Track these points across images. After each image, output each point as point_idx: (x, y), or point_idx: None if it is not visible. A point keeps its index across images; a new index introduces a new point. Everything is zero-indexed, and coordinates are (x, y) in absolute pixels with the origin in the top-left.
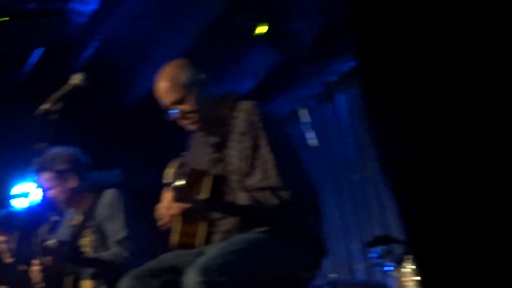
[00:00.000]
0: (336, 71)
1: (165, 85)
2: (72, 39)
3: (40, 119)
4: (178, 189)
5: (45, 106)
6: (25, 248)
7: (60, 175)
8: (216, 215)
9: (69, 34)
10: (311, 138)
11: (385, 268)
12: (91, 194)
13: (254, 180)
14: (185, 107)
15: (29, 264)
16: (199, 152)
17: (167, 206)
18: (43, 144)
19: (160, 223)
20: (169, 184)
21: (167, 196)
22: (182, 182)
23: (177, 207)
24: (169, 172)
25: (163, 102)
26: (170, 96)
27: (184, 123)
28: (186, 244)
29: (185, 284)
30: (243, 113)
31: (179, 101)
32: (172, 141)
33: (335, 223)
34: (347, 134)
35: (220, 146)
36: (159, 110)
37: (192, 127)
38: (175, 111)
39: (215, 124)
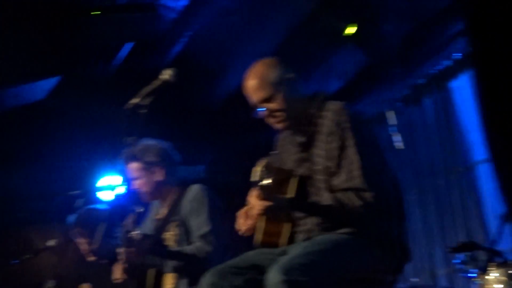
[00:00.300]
0: (424, 74)
1: (253, 82)
2: (162, 34)
3: (129, 113)
4: (263, 187)
5: (135, 100)
6: (109, 242)
7: (148, 166)
8: (299, 214)
9: (159, 29)
10: (397, 141)
11: (468, 275)
12: (177, 188)
13: (339, 180)
14: (273, 105)
15: (111, 258)
16: (286, 152)
17: (252, 205)
18: (132, 138)
19: (240, 227)
20: (255, 183)
21: (253, 195)
22: (268, 181)
23: (262, 206)
24: (256, 170)
25: (251, 100)
26: (258, 94)
27: (272, 121)
28: (269, 243)
29: (267, 283)
30: (331, 113)
31: (267, 99)
32: (258, 139)
33: (418, 227)
34: (433, 138)
35: (307, 146)
36: (246, 108)
37: (279, 125)
38: (262, 109)
39: (303, 123)
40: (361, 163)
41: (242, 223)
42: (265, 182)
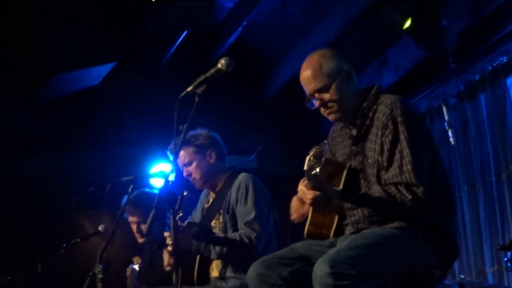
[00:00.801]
0: (480, 70)
1: (308, 72)
2: (218, 23)
3: (183, 101)
4: (311, 177)
5: (189, 89)
6: (158, 227)
7: (200, 150)
8: (347, 206)
9: (215, 18)
10: (449, 137)
11: None
12: (226, 176)
13: (390, 174)
14: (327, 96)
15: (160, 244)
16: (338, 144)
17: (301, 193)
18: (185, 126)
19: (292, 215)
20: (306, 172)
21: (302, 184)
22: (316, 170)
23: (310, 195)
24: (307, 160)
25: (306, 90)
26: (312, 84)
27: (324, 112)
28: (317, 234)
29: (314, 274)
30: (386, 107)
31: (321, 89)
32: (309, 131)
33: (467, 224)
34: (486, 135)
35: (359, 139)
36: (298, 99)
37: (332, 116)
38: (316, 99)
39: (356, 116)
40: (413, 157)
41: (295, 210)
42: (313, 171)
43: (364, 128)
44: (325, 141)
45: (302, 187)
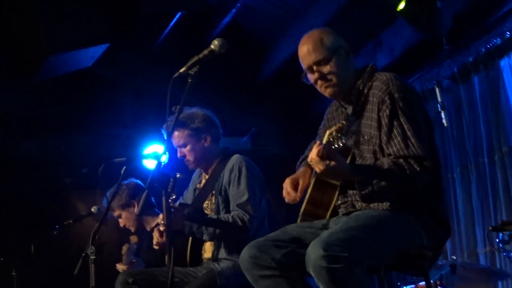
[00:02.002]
0: (474, 52)
1: (309, 45)
2: (213, 4)
3: (176, 82)
4: (331, 149)
5: (182, 70)
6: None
7: (196, 133)
8: (345, 185)
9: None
10: (442, 118)
11: (508, 254)
12: (219, 158)
13: (395, 148)
14: (326, 68)
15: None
16: (335, 124)
17: (313, 162)
18: (178, 107)
19: (285, 196)
20: (324, 146)
21: (315, 152)
22: (340, 144)
23: (323, 165)
24: (327, 134)
25: (304, 63)
26: (312, 56)
27: (322, 85)
28: (313, 213)
29: (308, 257)
30: (382, 83)
31: (321, 62)
32: (303, 113)
33: (460, 206)
34: (479, 117)
35: (355, 116)
36: (293, 81)
37: (329, 90)
38: (314, 72)
39: (352, 94)
40: (415, 131)
41: (290, 192)
42: (335, 145)
43: (359, 105)
44: (352, 117)
45: (315, 156)
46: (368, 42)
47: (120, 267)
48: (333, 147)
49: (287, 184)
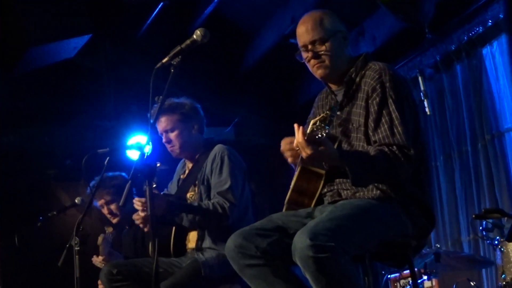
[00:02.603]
0: (456, 40)
1: (309, 24)
2: None
3: (159, 72)
4: (316, 131)
5: (165, 60)
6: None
7: (185, 119)
8: (331, 174)
9: None
10: (425, 107)
11: (492, 242)
12: (202, 148)
13: (380, 135)
14: (322, 47)
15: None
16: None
17: (300, 146)
18: (161, 97)
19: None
20: (308, 135)
21: (300, 135)
22: (324, 134)
23: (310, 150)
24: (311, 123)
25: (301, 41)
26: (310, 34)
27: (315, 64)
28: (299, 202)
29: (294, 247)
30: (374, 72)
31: (318, 40)
32: (287, 103)
33: (444, 194)
34: (462, 105)
35: (345, 104)
36: (276, 70)
37: (321, 71)
38: (308, 52)
39: (343, 79)
40: (402, 121)
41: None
42: (319, 135)
43: (350, 92)
44: (336, 107)
45: (301, 140)
46: (351, 32)
47: (96, 260)
48: (317, 137)
49: (284, 140)
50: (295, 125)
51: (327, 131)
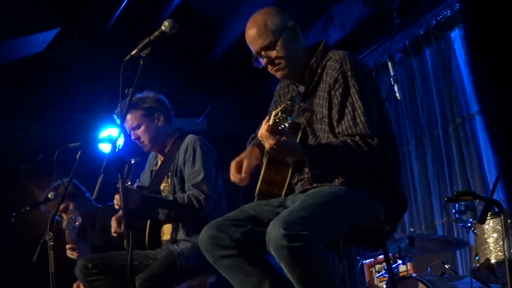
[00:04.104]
0: (424, 24)
1: (254, 31)
2: None
3: (128, 65)
4: (278, 122)
5: (134, 52)
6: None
7: (148, 112)
8: (298, 163)
9: None
10: (395, 92)
11: (465, 224)
12: (173, 139)
13: (343, 126)
14: (274, 52)
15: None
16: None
17: (264, 137)
18: (131, 90)
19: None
20: (271, 127)
21: (264, 128)
22: (286, 124)
23: (273, 140)
24: (273, 114)
25: (252, 48)
26: (258, 42)
27: (272, 69)
28: (269, 192)
29: (268, 237)
30: (335, 62)
31: (267, 47)
32: (258, 91)
33: (416, 178)
34: (432, 89)
35: (308, 95)
36: (246, 59)
37: (280, 73)
38: (263, 57)
39: (304, 72)
40: (365, 109)
41: (235, 174)
42: (281, 126)
43: (313, 84)
44: (296, 97)
45: (265, 131)
46: (320, 18)
47: (70, 253)
48: (279, 128)
49: (231, 168)
50: (266, 118)
51: (289, 121)
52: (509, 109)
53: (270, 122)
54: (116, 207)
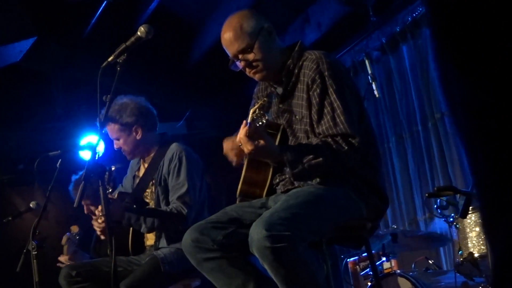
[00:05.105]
0: (400, 22)
1: (230, 34)
2: None
3: (106, 71)
4: (257, 128)
5: (110, 58)
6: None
7: (125, 127)
8: (279, 164)
9: None
10: (374, 90)
11: (447, 219)
12: (157, 146)
13: (324, 127)
14: (251, 55)
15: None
16: None
17: (242, 142)
18: (109, 96)
19: (229, 156)
20: (250, 124)
21: (243, 132)
22: (263, 121)
23: (251, 145)
24: (251, 112)
25: (229, 52)
26: (235, 45)
27: (250, 72)
28: (250, 193)
29: (251, 238)
30: (311, 62)
31: (243, 50)
32: (237, 93)
33: (398, 175)
34: (410, 86)
35: (286, 96)
36: (224, 62)
37: (258, 76)
38: (240, 61)
39: (282, 74)
40: (344, 109)
41: (231, 149)
42: (259, 123)
43: (290, 85)
44: (272, 92)
45: (243, 136)
46: (296, 19)
47: (62, 258)
48: (257, 124)
49: (227, 145)
50: (244, 122)
51: (267, 117)
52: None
53: (249, 120)
54: (99, 221)
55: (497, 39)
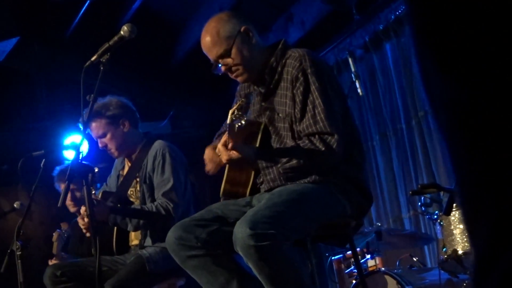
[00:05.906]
0: (384, 20)
1: (208, 40)
2: None
3: (89, 71)
4: (233, 132)
5: (93, 58)
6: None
7: (113, 120)
8: (263, 165)
9: None
10: (357, 88)
11: (431, 217)
12: (141, 144)
13: (304, 125)
14: (230, 60)
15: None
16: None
17: (219, 152)
18: (93, 96)
19: (208, 166)
20: (228, 126)
21: (221, 142)
22: (242, 122)
23: (227, 156)
24: (230, 113)
25: (209, 57)
26: (214, 51)
27: (232, 75)
28: (233, 192)
29: (235, 237)
30: (294, 60)
31: (223, 55)
32: (221, 93)
33: (382, 173)
34: (394, 84)
35: (269, 95)
36: (207, 61)
37: (240, 78)
38: (221, 65)
39: (264, 73)
40: (325, 106)
41: (210, 160)
42: (238, 124)
43: (273, 83)
44: (251, 92)
45: (220, 146)
46: (279, 17)
47: (52, 262)
48: (237, 125)
49: (207, 154)
50: (225, 133)
51: (245, 118)
52: (456, 101)
53: (228, 121)
54: (85, 220)
55: (477, 36)
